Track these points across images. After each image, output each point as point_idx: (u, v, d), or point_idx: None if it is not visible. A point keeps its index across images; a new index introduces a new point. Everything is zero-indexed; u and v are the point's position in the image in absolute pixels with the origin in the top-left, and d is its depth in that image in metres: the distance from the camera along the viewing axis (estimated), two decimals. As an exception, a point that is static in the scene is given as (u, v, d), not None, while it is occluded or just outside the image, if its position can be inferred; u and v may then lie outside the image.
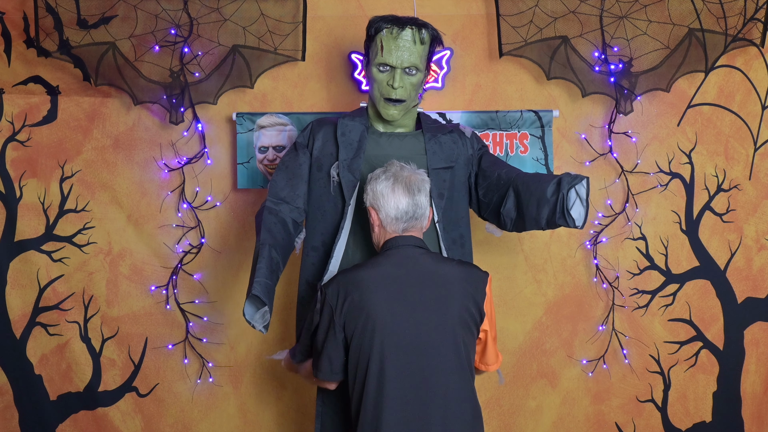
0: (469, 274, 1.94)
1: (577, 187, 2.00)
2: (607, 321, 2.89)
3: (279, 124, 2.81)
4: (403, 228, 1.95)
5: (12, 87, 2.86)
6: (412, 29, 2.16)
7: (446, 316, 1.86)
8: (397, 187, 1.94)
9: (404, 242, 1.94)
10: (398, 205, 1.93)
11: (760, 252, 2.90)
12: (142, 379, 2.92)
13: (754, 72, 2.85)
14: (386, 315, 1.84)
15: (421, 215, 1.96)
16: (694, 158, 2.89)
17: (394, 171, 1.98)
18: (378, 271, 1.90)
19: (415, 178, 1.97)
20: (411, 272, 1.89)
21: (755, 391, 2.92)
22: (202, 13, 2.76)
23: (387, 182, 1.95)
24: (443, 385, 1.84)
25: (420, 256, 1.93)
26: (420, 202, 1.95)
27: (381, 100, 2.21)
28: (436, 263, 1.93)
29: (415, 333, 1.84)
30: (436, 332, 1.85)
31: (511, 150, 2.82)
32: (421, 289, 1.87)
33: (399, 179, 1.95)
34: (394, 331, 1.84)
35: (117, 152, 2.89)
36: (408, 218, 1.94)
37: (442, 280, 1.89)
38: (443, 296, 1.87)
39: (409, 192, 1.94)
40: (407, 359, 1.83)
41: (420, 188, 1.95)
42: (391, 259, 1.92)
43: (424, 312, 1.85)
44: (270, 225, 2.15)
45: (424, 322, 1.85)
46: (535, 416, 2.93)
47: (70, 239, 2.89)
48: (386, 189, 1.95)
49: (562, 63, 2.78)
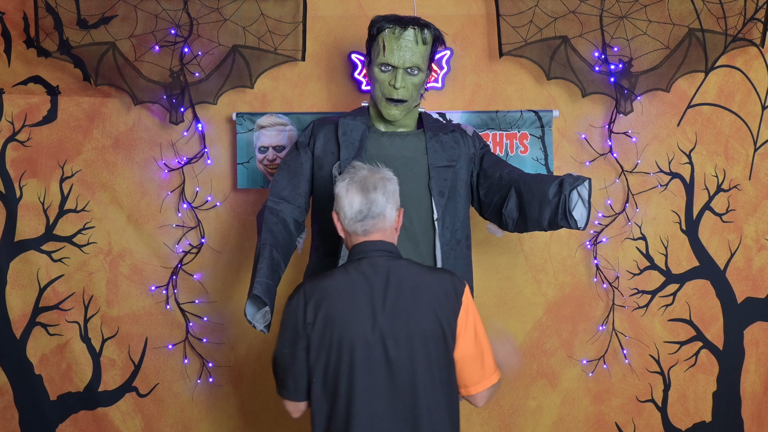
0: (442, 282, 1.83)
1: (579, 188, 2.00)
2: (607, 321, 2.89)
3: (279, 124, 2.81)
4: (363, 229, 1.84)
5: (12, 87, 2.86)
6: (414, 29, 2.16)
7: (416, 328, 1.76)
8: (351, 186, 1.85)
9: (373, 248, 1.84)
10: (352, 203, 1.84)
11: (760, 252, 2.90)
12: (142, 379, 2.92)
13: (754, 72, 2.85)
14: (354, 328, 1.75)
15: (378, 213, 1.84)
16: (694, 158, 2.89)
17: (352, 172, 1.90)
18: (345, 281, 1.80)
19: (372, 177, 1.87)
20: (379, 282, 1.79)
21: (755, 391, 2.92)
22: (202, 13, 2.76)
23: (342, 183, 1.87)
24: (415, 401, 1.75)
25: (389, 263, 1.82)
26: (375, 199, 1.83)
27: (383, 100, 2.21)
28: (406, 271, 1.82)
29: (384, 347, 1.75)
30: (407, 345, 1.75)
31: (511, 150, 2.82)
32: (390, 300, 1.77)
33: (354, 179, 1.87)
34: (363, 345, 1.74)
35: (117, 152, 2.89)
36: (363, 217, 1.83)
37: (413, 289, 1.79)
38: (413, 307, 1.77)
39: (363, 190, 1.84)
40: (377, 375, 1.74)
41: (376, 186, 1.85)
42: (358, 268, 1.81)
43: (394, 324, 1.76)
44: (271, 225, 2.16)
45: (393, 335, 1.75)
46: (535, 416, 2.93)
47: (70, 239, 2.89)
48: (342, 190, 1.86)
49: (562, 63, 2.78)
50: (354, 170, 1.90)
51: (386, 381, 1.75)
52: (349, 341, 1.74)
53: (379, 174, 1.89)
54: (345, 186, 1.86)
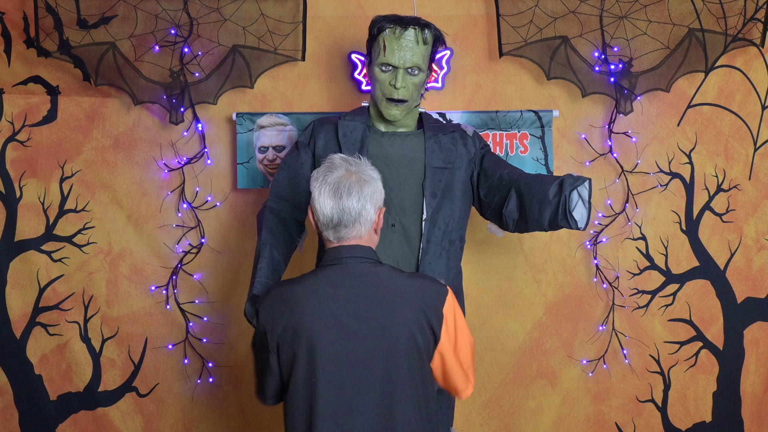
0: (423, 290, 1.71)
1: (580, 188, 2.00)
2: (607, 321, 2.89)
3: (279, 124, 2.81)
4: (336, 236, 1.72)
5: (12, 87, 2.86)
6: (415, 29, 2.16)
7: (393, 342, 1.64)
8: (324, 189, 1.71)
9: (348, 254, 1.71)
10: (323, 209, 1.71)
11: (760, 252, 2.90)
12: (142, 379, 2.92)
13: (754, 72, 2.85)
14: (322, 342, 1.64)
15: (352, 221, 1.71)
16: (694, 158, 2.89)
17: (326, 168, 1.76)
18: (316, 290, 1.68)
19: (348, 179, 1.72)
20: (353, 291, 1.67)
21: (755, 391, 2.92)
22: (202, 13, 2.76)
23: (316, 182, 1.73)
24: (390, 420, 1.64)
25: (365, 271, 1.70)
26: (348, 207, 1.70)
27: (383, 100, 2.21)
28: (384, 279, 1.70)
29: (355, 362, 1.64)
30: (382, 362, 1.64)
31: (511, 150, 2.82)
32: (363, 312, 1.65)
33: (329, 179, 1.72)
34: (331, 360, 1.63)
35: (117, 152, 2.89)
36: (335, 225, 1.71)
37: (389, 299, 1.67)
38: (389, 319, 1.65)
39: (335, 195, 1.70)
40: (343, 394, 1.64)
41: (351, 190, 1.70)
42: (330, 276, 1.70)
43: (367, 339, 1.64)
44: (271, 225, 2.16)
45: (366, 350, 1.64)
46: (535, 416, 2.93)
47: (70, 239, 2.89)
48: (315, 190, 1.73)
49: (562, 63, 2.78)
50: (329, 168, 1.75)
51: (355, 401, 1.64)
52: (317, 357, 1.64)
53: (356, 174, 1.74)
54: (318, 187, 1.73)
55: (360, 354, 1.65)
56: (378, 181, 1.78)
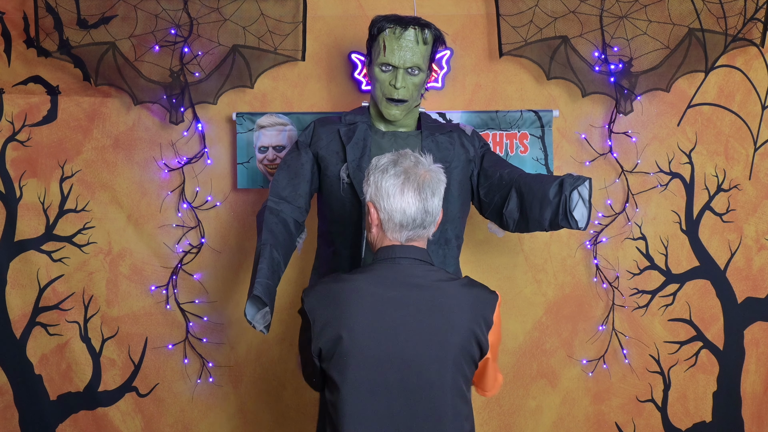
0: (477, 298, 1.64)
1: (580, 188, 2.00)
2: (607, 321, 2.89)
3: (279, 124, 2.81)
4: (407, 237, 1.65)
5: (12, 87, 2.86)
6: (415, 29, 2.16)
7: (444, 350, 1.57)
8: (408, 187, 1.61)
9: (403, 254, 1.64)
10: (405, 209, 1.61)
11: (760, 252, 2.90)
12: (142, 379, 2.92)
13: (754, 72, 2.85)
14: (364, 343, 1.57)
15: (431, 223, 1.65)
16: (694, 158, 2.89)
17: (406, 166, 1.64)
18: (365, 290, 1.60)
19: (429, 178, 1.64)
20: (405, 294, 1.59)
21: (755, 391, 2.92)
22: (202, 13, 2.76)
23: (396, 179, 1.62)
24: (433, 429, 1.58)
25: (419, 274, 1.63)
26: (432, 207, 1.63)
27: (383, 100, 2.21)
28: (437, 283, 1.62)
29: (402, 369, 1.57)
30: (431, 369, 1.57)
31: (511, 150, 2.82)
32: (415, 316, 1.58)
33: (411, 177, 1.62)
34: (374, 363, 1.56)
35: (117, 152, 2.89)
36: (415, 226, 1.63)
37: (443, 305, 1.60)
38: (442, 325, 1.58)
39: (420, 195, 1.61)
40: (390, 401, 1.57)
41: (435, 191, 1.64)
42: (382, 276, 1.62)
43: (416, 344, 1.57)
44: (271, 225, 2.16)
45: (413, 355, 1.57)
46: (535, 416, 2.93)
47: (70, 239, 2.89)
48: (394, 187, 1.61)
49: (562, 63, 2.78)
50: (406, 162, 1.65)
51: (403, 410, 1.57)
52: (355, 355, 1.57)
53: (435, 173, 1.67)
54: (399, 185, 1.61)
55: (406, 359, 1.57)
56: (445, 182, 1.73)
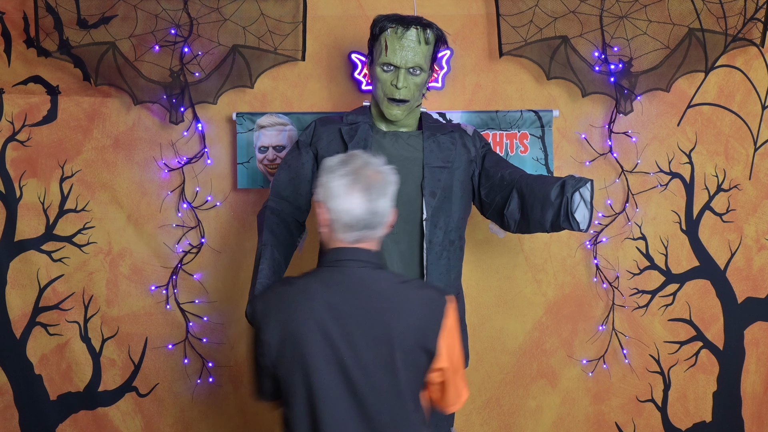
0: (426, 301, 1.61)
1: (581, 189, 2.00)
2: (607, 321, 2.89)
3: (279, 124, 2.81)
4: (355, 238, 1.62)
5: (12, 87, 2.86)
6: (416, 29, 2.16)
7: (391, 355, 1.56)
8: (355, 188, 1.59)
9: (350, 257, 1.61)
10: (352, 210, 1.59)
11: (760, 252, 2.90)
12: (142, 379, 2.92)
13: (754, 72, 2.85)
14: (312, 348, 1.56)
15: (379, 224, 1.62)
16: (694, 158, 2.89)
17: (355, 166, 1.62)
18: (310, 292, 1.59)
19: (378, 178, 1.62)
20: (350, 298, 1.58)
21: (755, 391, 2.92)
22: (202, 13, 2.76)
23: (343, 179, 1.60)
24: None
25: (366, 277, 1.61)
26: (380, 208, 1.61)
27: (384, 100, 2.21)
28: (383, 286, 1.61)
29: (352, 374, 1.56)
30: (378, 375, 1.56)
31: (511, 150, 2.82)
32: (360, 321, 1.56)
33: (359, 178, 1.60)
34: (323, 366, 1.56)
35: (117, 152, 2.89)
36: (362, 227, 1.60)
37: (388, 309, 1.58)
38: (387, 329, 1.56)
39: (368, 195, 1.59)
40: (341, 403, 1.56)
41: (383, 191, 1.61)
42: (329, 279, 1.60)
43: (364, 350, 1.56)
44: (272, 225, 2.16)
45: (363, 361, 1.56)
46: (535, 416, 2.93)
47: (70, 239, 2.89)
48: (341, 188, 1.59)
49: (562, 63, 2.78)
50: (355, 163, 1.63)
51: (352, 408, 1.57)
52: (305, 359, 1.56)
53: (384, 174, 1.65)
54: (345, 183, 1.60)
55: (355, 364, 1.56)
56: (396, 183, 1.70)
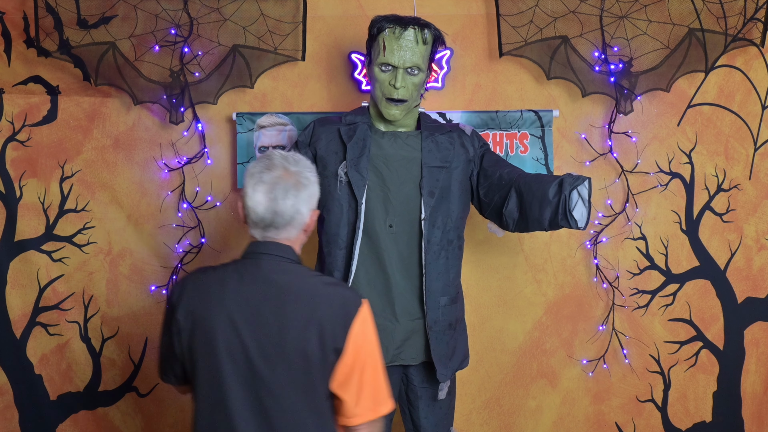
0: (335, 299, 1.63)
1: (579, 188, 2.00)
2: (607, 321, 2.89)
3: (279, 124, 2.81)
4: (263, 236, 1.68)
5: (12, 87, 2.86)
6: (414, 29, 2.17)
7: (287, 347, 1.58)
8: (259, 187, 1.64)
9: (264, 250, 1.67)
10: (255, 207, 1.64)
11: (760, 252, 2.90)
12: (142, 379, 2.92)
13: (754, 72, 2.85)
14: (219, 336, 1.60)
15: (285, 224, 1.65)
16: (694, 158, 2.89)
17: (266, 165, 1.67)
18: (224, 281, 1.64)
19: (287, 180, 1.65)
20: (258, 291, 1.62)
21: (755, 391, 2.92)
22: (202, 13, 2.76)
23: (252, 178, 1.66)
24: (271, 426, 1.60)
25: (276, 270, 1.64)
26: (283, 209, 1.64)
27: (383, 100, 2.21)
28: (294, 281, 1.64)
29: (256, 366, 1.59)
30: (279, 370, 1.59)
31: (511, 150, 2.82)
32: (265, 314, 1.60)
33: (264, 177, 1.65)
34: (228, 356, 1.59)
35: (117, 152, 2.89)
36: (265, 226, 1.65)
37: (293, 302, 1.61)
38: (288, 323, 1.59)
39: (270, 195, 1.64)
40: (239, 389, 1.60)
41: (288, 193, 1.64)
42: (242, 271, 1.65)
43: (262, 340, 1.59)
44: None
45: (265, 355, 1.59)
46: (535, 416, 2.93)
47: (70, 239, 2.89)
48: (248, 186, 1.66)
49: (562, 63, 2.78)
50: (267, 166, 1.67)
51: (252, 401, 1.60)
52: (212, 347, 1.60)
53: (294, 176, 1.67)
54: (253, 184, 1.65)
55: (258, 357, 1.59)
56: (315, 184, 1.71)
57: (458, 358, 2.28)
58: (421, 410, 2.30)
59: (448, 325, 2.23)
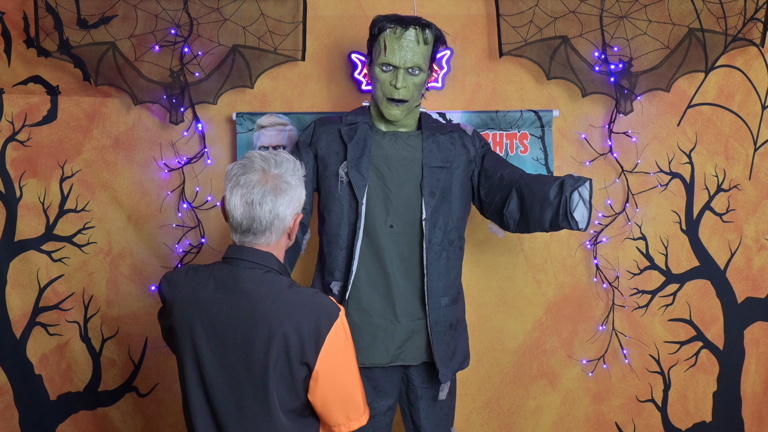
0: (306, 309, 1.58)
1: (580, 189, 2.00)
2: (607, 321, 2.89)
3: (279, 124, 2.81)
4: (242, 241, 1.65)
5: (12, 87, 2.86)
6: (415, 29, 2.16)
7: (254, 357, 1.56)
8: (237, 190, 1.61)
9: (239, 256, 1.64)
10: (233, 212, 1.62)
11: (760, 252, 2.90)
12: (142, 379, 2.92)
13: (754, 72, 2.85)
14: (197, 337, 1.60)
15: (263, 230, 1.62)
16: (694, 158, 2.89)
17: (243, 167, 1.63)
18: (206, 285, 1.63)
19: (264, 184, 1.60)
20: (228, 298, 1.60)
21: (755, 391, 2.92)
22: (202, 13, 2.76)
23: (230, 181, 1.63)
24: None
25: (249, 278, 1.61)
26: (260, 215, 1.60)
27: (384, 100, 2.21)
28: (265, 290, 1.60)
29: (217, 369, 1.59)
30: (244, 381, 1.58)
31: (511, 150, 2.82)
32: (231, 319, 1.58)
33: (240, 181, 1.60)
34: (206, 358, 1.60)
35: (117, 152, 2.89)
36: (243, 230, 1.63)
37: (262, 312, 1.57)
38: (255, 333, 1.56)
39: (246, 202, 1.59)
40: (206, 400, 1.62)
41: (264, 200, 1.59)
42: (217, 274, 1.64)
43: (230, 348, 1.58)
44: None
45: (229, 360, 1.58)
46: (535, 416, 2.93)
47: (70, 239, 2.89)
48: (227, 188, 1.63)
49: (562, 63, 2.78)
50: (245, 167, 1.63)
51: (208, 404, 1.62)
52: (183, 349, 1.62)
53: (273, 180, 1.61)
54: (231, 187, 1.62)
55: (223, 362, 1.59)
56: (297, 187, 1.65)
57: (459, 358, 2.29)
58: (421, 410, 2.30)
59: (449, 326, 2.23)
